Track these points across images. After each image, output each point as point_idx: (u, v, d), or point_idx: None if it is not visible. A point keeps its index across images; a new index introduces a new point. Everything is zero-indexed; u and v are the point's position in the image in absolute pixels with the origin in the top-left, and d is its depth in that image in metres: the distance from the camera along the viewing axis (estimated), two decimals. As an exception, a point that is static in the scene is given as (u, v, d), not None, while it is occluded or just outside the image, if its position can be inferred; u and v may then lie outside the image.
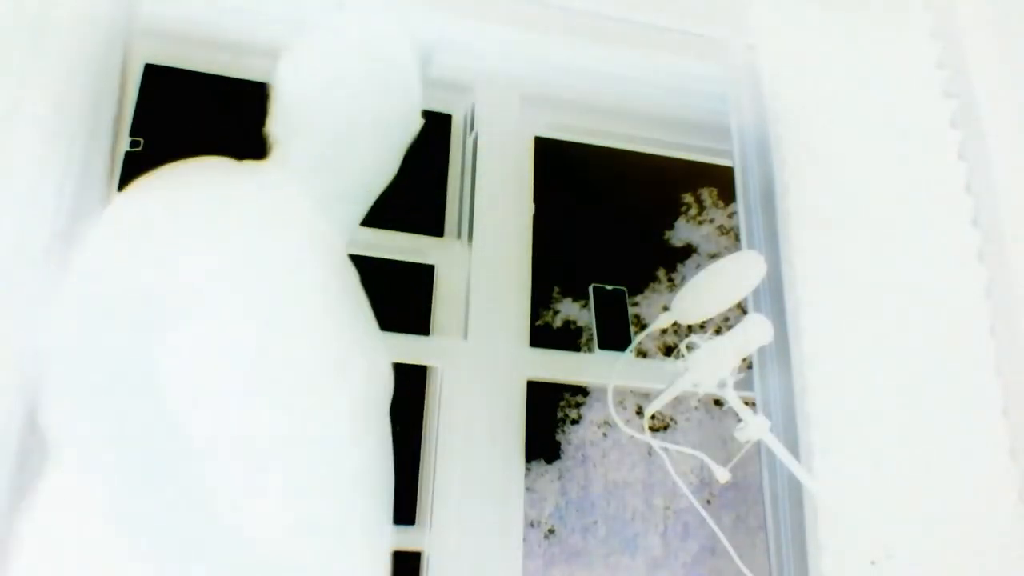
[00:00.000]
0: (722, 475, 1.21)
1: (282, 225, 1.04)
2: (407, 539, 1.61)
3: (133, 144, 1.74)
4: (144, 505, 0.84)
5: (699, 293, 1.26)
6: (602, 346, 1.74)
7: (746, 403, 1.24)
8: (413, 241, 1.87)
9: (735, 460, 1.24)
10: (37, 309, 1.32)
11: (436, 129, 2.05)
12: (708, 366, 1.23)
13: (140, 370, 0.88)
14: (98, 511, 0.85)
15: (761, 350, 1.68)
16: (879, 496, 1.52)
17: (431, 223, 1.93)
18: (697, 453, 1.27)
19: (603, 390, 1.23)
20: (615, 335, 1.75)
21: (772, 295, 1.73)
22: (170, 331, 0.90)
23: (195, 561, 0.84)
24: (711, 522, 1.29)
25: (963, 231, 1.77)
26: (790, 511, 1.62)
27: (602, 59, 1.96)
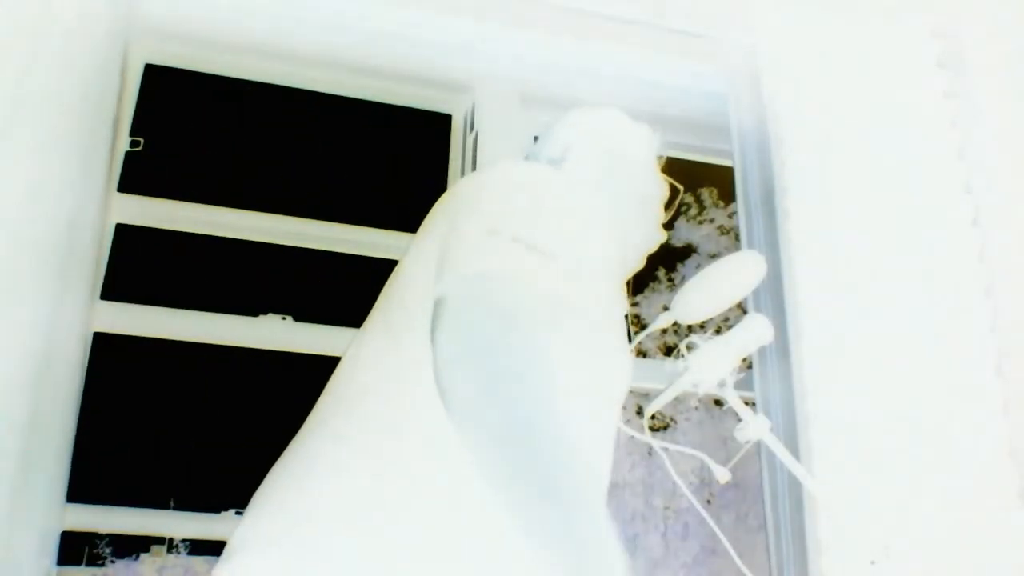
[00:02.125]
0: (722, 475, 1.21)
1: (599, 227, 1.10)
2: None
3: (133, 144, 1.74)
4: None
5: (699, 293, 1.25)
6: (602, 346, 1.74)
7: (746, 403, 1.24)
8: (413, 241, 1.87)
9: (735, 460, 1.24)
10: (37, 308, 1.32)
11: (436, 129, 2.05)
12: (708, 366, 1.23)
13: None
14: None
15: (761, 350, 1.68)
16: (879, 496, 1.52)
17: (431, 223, 1.92)
18: (697, 453, 1.27)
19: (603, 390, 1.22)
20: (615, 335, 1.75)
21: (772, 295, 1.73)
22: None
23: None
24: (711, 522, 1.29)
25: (963, 230, 1.77)
26: (790, 511, 1.62)
27: (602, 59, 1.96)
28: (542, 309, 0.90)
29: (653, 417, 1.26)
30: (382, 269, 1.09)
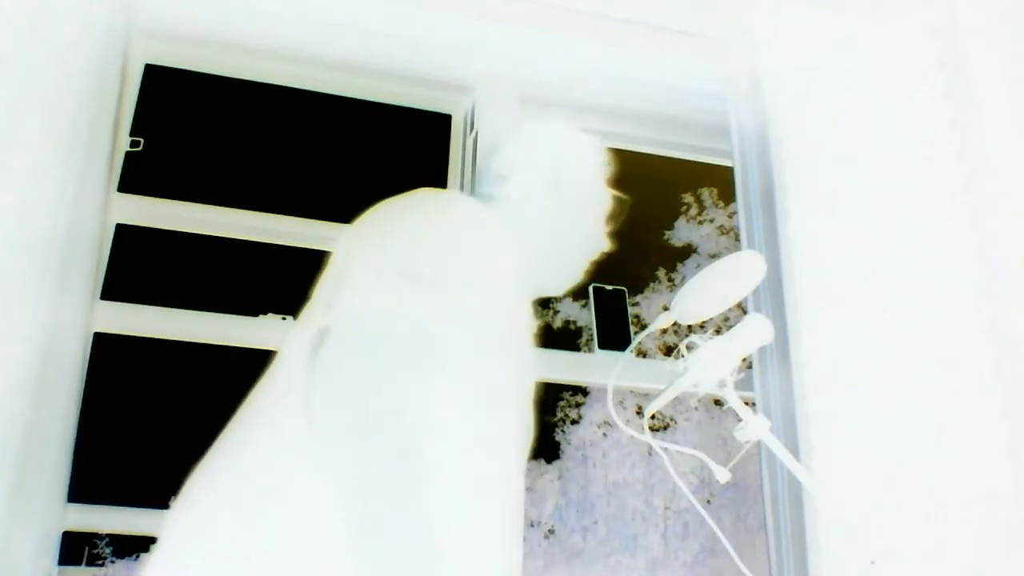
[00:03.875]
0: (722, 475, 1.21)
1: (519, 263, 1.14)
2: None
3: (133, 144, 1.74)
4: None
5: (699, 293, 1.26)
6: (602, 346, 1.74)
7: (746, 403, 1.24)
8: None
9: (735, 460, 1.24)
10: (37, 308, 1.32)
11: (436, 129, 2.05)
12: (708, 366, 1.23)
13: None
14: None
15: (761, 350, 1.68)
16: (879, 496, 1.52)
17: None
18: (697, 453, 1.27)
19: (603, 390, 1.22)
20: (615, 335, 1.75)
21: (772, 295, 1.73)
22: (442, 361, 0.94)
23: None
24: (711, 522, 1.29)
25: (963, 231, 1.77)
26: (790, 511, 1.62)
27: (602, 59, 1.96)
28: (420, 352, 0.93)
29: (653, 417, 1.26)
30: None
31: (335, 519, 0.88)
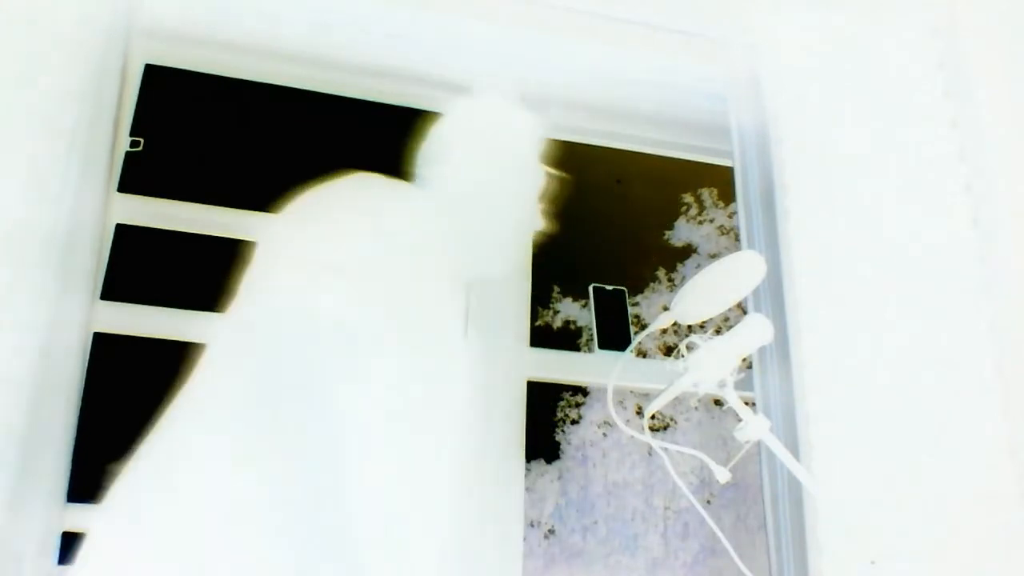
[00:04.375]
0: (722, 475, 1.21)
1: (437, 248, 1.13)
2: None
3: (133, 144, 1.74)
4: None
5: (699, 293, 1.26)
6: (602, 346, 1.74)
7: (746, 403, 1.24)
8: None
9: (735, 460, 1.24)
10: (37, 308, 1.33)
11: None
12: (708, 366, 1.23)
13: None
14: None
15: (761, 350, 1.68)
16: (879, 496, 1.52)
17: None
18: (697, 453, 1.27)
19: (603, 390, 1.22)
20: (615, 335, 1.75)
21: (772, 295, 1.73)
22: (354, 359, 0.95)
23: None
24: (711, 522, 1.29)
25: (963, 231, 1.77)
26: (790, 511, 1.62)
27: (602, 59, 1.96)
28: (342, 348, 0.94)
29: (653, 417, 1.26)
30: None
31: (261, 513, 0.89)
